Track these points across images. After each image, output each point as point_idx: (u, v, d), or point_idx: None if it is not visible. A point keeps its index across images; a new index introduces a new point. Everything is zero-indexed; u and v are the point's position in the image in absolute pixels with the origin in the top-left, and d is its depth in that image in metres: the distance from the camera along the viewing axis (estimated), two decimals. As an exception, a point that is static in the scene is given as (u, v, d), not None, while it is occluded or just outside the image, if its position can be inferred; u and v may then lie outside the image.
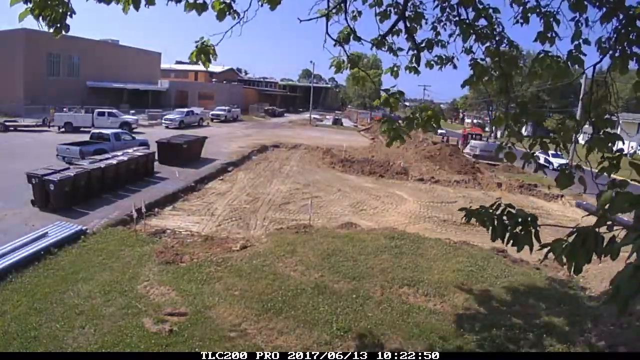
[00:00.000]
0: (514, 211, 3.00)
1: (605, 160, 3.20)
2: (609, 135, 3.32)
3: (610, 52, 4.04)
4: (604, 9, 4.09)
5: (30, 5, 3.43)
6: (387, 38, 5.62)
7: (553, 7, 4.78)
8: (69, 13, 3.69)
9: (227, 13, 4.50)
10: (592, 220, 2.54)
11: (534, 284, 8.86)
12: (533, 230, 2.86)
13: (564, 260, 2.50)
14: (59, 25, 3.66)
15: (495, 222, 2.97)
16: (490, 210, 3.01)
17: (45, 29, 3.66)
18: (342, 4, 5.45)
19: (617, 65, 4.04)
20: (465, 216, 3.14)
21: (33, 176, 12.10)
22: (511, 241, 2.97)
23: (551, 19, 4.73)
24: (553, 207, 17.93)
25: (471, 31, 5.09)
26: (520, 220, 2.90)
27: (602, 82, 4.07)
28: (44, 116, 29.85)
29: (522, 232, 2.88)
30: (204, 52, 4.30)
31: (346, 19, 5.51)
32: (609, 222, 2.43)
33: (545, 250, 2.62)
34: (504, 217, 2.95)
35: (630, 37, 3.95)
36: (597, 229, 2.44)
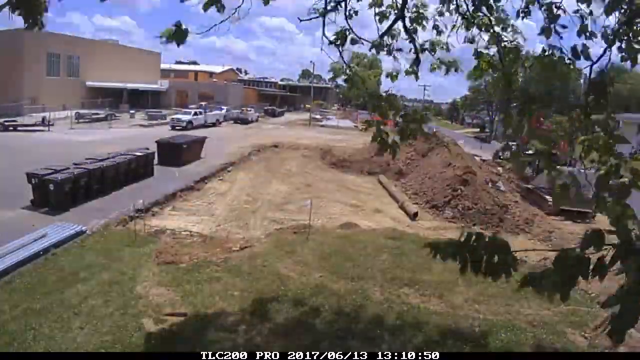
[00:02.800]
0: (484, 238, 2.71)
1: (605, 166, 3.13)
2: (613, 137, 3.22)
3: (617, 44, 4.01)
4: (608, 2, 4.06)
5: None
6: (385, 39, 5.59)
7: (556, 1, 4.73)
8: (43, 9, 3.69)
9: (212, 5, 4.53)
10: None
11: (534, 284, 8.84)
12: (509, 258, 2.65)
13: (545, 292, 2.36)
14: (33, 20, 3.66)
15: (467, 254, 2.68)
16: (459, 241, 2.72)
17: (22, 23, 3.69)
18: (339, 4, 5.43)
19: (625, 58, 4.00)
20: (430, 252, 2.77)
21: (33, 176, 12.09)
22: (487, 272, 2.70)
23: (556, 10, 4.67)
24: None
25: (473, 21, 5.06)
26: (495, 248, 2.65)
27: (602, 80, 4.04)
28: (43, 116, 29.86)
29: (498, 262, 2.65)
30: (178, 31, 4.31)
31: (346, 18, 5.50)
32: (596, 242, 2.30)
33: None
34: (477, 248, 2.69)
35: (635, 28, 3.91)
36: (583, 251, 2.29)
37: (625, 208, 2.64)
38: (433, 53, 5.59)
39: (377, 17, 5.71)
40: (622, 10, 3.96)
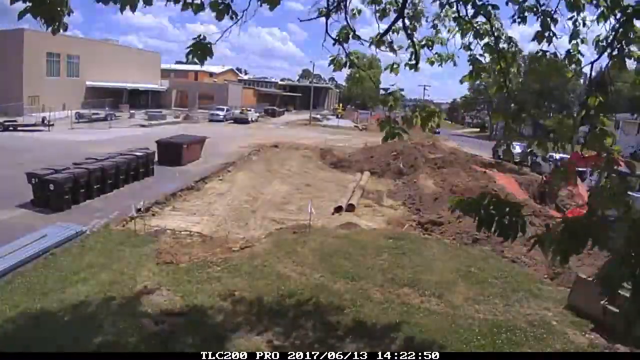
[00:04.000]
0: (500, 201, 2.98)
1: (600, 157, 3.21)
2: (603, 132, 3.33)
3: (608, 50, 4.05)
4: (601, 8, 4.11)
5: (29, 4, 3.41)
6: (386, 36, 5.62)
7: (551, 7, 4.79)
8: (67, 12, 3.67)
9: (226, 13, 4.49)
10: None
11: (533, 284, 8.85)
12: (520, 220, 2.83)
13: (550, 252, 2.49)
14: (57, 23, 3.64)
15: (482, 212, 2.91)
16: (477, 200, 2.98)
17: (44, 28, 3.64)
18: (341, 3, 5.45)
19: (615, 64, 4.05)
20: (450, 206, 3.08)
21: (33, 176, 12.09)
22: (497, 231, 2.94)
23: (548, 19, 4.74)
24: None
25: (470, 27, 5.10)
26: (507, 209, 2.86)
27: (601, 80, 4.08)
28: (43, 116, 29.88)
29: (509, 222, 2.84)
30: (201, 48, 4.27)
31: (346, 18, 5.51)
32: (599, 213, 2.44)
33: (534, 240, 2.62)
34: (491, 207, 2.91)
35: (628, 35, 3.96)
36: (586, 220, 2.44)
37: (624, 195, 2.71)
38: (430, 49, 5.66)
39: (377, 15, 5.74)
40: (616, 17, 4.00)
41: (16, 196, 12.35)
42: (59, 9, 3.60)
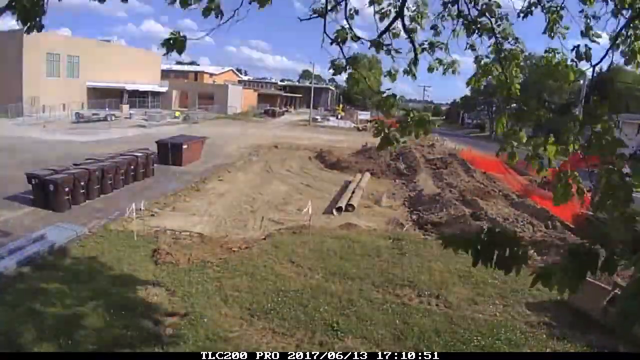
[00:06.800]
0: (496, 232, 2.77)
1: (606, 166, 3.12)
2: (611, 140, 3.21)
3: (621, 47, 4.04)
4: (611, 4, 4.10)
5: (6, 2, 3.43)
6: (384, 38, 5.56)
7: (558, 2, 4.75)
8: (42, 11, 3.67)
9: (212, 10, 4.51)
10: None
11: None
12: (520, 252, 2.67)
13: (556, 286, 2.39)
14: (31, 23, 3.64)
15: (479, 247, 2.71)
16: (470, 237, 2.77)
17: (19, 26, 3.66)
18: (339, 3, 5.41)
19: (629, 60, 4.03)
20: (442, 244, 2.83)
21: (33, 176, 12.09)
22: (498, 265, 2.76)
23: (554, 15, 4.71)
24: None
25: (474, 27, 5.05)
26: (505, 242, 2.68)
27: (603, 81, 4.09)
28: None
29: (509, 255, 2.67)
30: (175, 41, 4.28)
31: (346, 17, 5.48)
32: (604, 238, 2.36)
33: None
34: (487, 241, 2.71)
35: (636, 31, 3.95)
36: (591, 246, 2.33)
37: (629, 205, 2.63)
38: (431, 53, 5.56)
39: (377, 16, 5.69)
40: (628, 10, 3.98)
41: (16, 197, 12.35)
42: (32, 9, 3.60)
